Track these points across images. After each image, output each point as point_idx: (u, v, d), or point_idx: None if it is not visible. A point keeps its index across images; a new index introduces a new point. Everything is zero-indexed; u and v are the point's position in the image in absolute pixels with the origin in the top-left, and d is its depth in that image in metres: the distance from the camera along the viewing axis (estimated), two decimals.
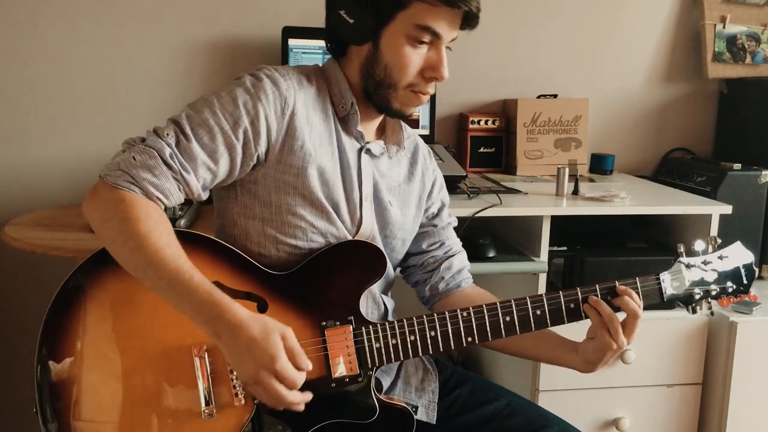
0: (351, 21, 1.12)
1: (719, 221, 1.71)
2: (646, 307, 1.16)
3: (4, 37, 1.91)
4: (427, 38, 1.11)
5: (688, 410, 1.76)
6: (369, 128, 1.24)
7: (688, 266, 1.19)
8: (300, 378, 1.00)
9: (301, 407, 1.03)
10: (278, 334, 0.99)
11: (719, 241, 1.22)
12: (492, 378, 1.97)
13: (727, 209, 1.71)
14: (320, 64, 1.25)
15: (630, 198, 1.75)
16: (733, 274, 1.21)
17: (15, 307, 2.01)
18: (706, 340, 1.73)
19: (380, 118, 1.25)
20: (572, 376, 1.66)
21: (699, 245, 1.21)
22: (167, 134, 1.06)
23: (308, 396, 1.04)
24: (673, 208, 1.74)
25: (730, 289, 1.21)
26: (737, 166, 1.95)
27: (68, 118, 1.96)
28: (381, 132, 1.27)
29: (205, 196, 1.11)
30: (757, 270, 1.92)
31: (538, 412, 1.29)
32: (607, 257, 1.73)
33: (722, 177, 1.91)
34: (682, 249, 1.20)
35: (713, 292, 1.20)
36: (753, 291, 1.80)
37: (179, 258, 1.01)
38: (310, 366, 1.03)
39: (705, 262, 1.20)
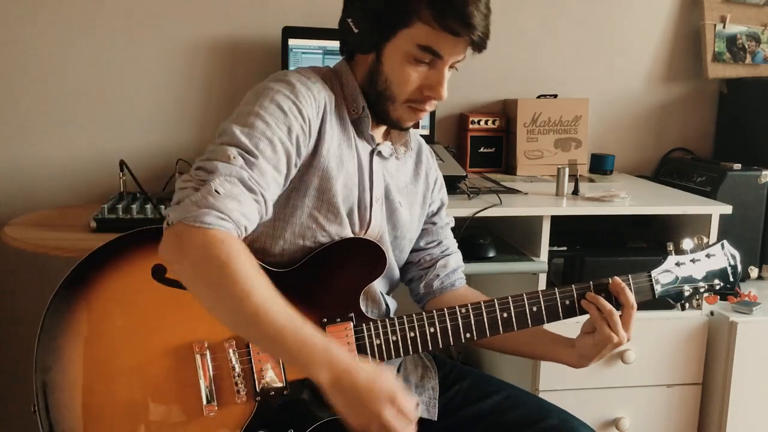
0: (356, 31, 1.12)
1: (719, 221, 1.70)
2: (638, 304, 1.19)
3: (4, 37, 1.91)
4: (427, 58, 1.11)
5: (688, 410, 1.76)
6: (378, 130, 1.24)
7: (678, 264, 1.24)
8: (416, 411, 0.98)
9: None
10: (388, 372, 0.98)
11: (706, 240, 1.27)
12: None
13: (727, 209, 1.71)
14: (330, 66, 1.24)
15: (630, 198, 1.75)
16: (721, 272, 1.26)
17: (15, 307, 2.01)
18: (706, 340, 1.73)
19: None
20: (572, 376, 1.66)
21: (687, 244, 1.26)
22: (233, 158, 1.00)
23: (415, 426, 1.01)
24: (673, 208, 1.74)
25: (718, 287, 1.26)
26: (737, 166, 1.95)
27: (68, 119, 1.96)
28: (387, 133, 1.28)
29: (271, 213, 1.08)
30: (757, 269, 1.95)
31: (538, 404, 1.30)
32: (607, 257, 1.73)
33: (722, 177, 1.91)
34: (671, 247, 1.25)
35: (702, 289, 1.25)
36: (753, 291, 1.82)
37: (286, 306, 0.97)
38: (417, 400, 1.01)
39: (694, 260, 1.25)
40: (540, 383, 1.69)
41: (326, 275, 1.15)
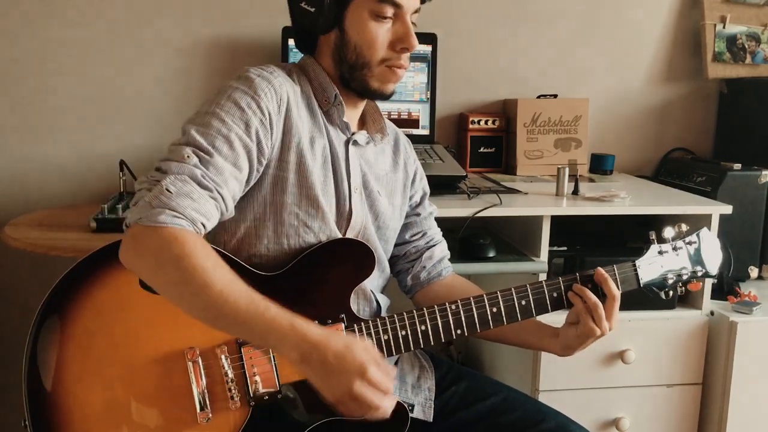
0: (312, 9, 1.14)
1: (719, 221, 1.70)
2: (623, 294, 1.21)
3: (4, 37, 1.91)
4: (389, 11, 1.12)
5: (688, 410, 1.76)
6: (352, 119, 1.25)
7: (660, 252, 1.25)
8: (390, 382, 0.98)
9: (389, 413, 1.00)
10: (360, 345, 0.97)
11: (686, 228, 1.27)
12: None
13: (727, 209, 1.71)
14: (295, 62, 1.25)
15: (630, 198, 1.75)
16: (702, 259, 1.27)
17: (15, 308, 2.01)
18: (706, 340, 1.73)
19: (362, 107, 1.26)
20: (572, 377, 1.66)
21: (668, 232, 1.27)
22: (187, 156, 1.02)
23: (395, 400, 1.01)
24: (673, 208, 1.74)
25: (700, 273, 1.27)
26: (737, 166, 1.95)
27: (68, 118, 1.96)
28: (362, 123, 1.28)
29: (233, 210, 1.09)
30: (757, 269, 1.95)
31: (536, 407, 1.30)
32: (607, 257, 1.72)
33: (722, 177, 1.91)
34: (653, 236, 1.26)
35: (685, 277, 1.26)
36: (753, 291, 1.82)
37: (248, 291, 0.98)
38: (394, 371, 1.03)
39: (675, 248, 1.26)
40: (540, 383, 1.68)
41: (315, 277, 1.14)
